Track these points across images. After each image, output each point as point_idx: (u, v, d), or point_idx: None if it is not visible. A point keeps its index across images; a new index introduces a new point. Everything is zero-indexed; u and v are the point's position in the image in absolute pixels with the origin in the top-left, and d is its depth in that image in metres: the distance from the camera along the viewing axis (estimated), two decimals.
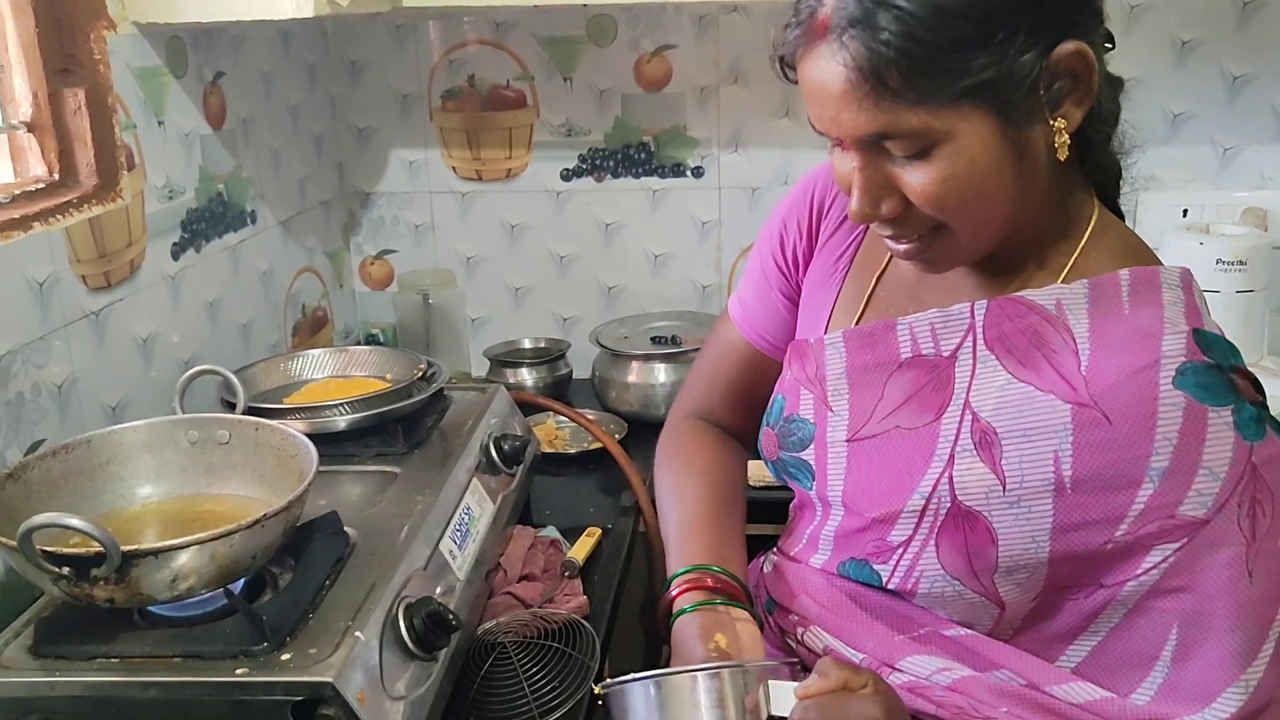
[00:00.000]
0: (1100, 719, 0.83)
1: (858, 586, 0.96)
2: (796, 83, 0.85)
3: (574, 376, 1.91)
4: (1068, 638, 0.87)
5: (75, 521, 0.81)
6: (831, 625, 0.97)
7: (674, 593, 0.97)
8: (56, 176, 1.22)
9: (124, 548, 0.83)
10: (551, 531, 1.35)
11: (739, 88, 1.88)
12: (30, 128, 1.20)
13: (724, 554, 1.00)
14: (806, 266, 1.05)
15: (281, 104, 1.73)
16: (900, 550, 0.90)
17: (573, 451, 1.66)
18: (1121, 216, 0.96)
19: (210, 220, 1.49)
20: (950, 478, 0.86)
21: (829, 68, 0.77)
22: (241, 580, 0.97)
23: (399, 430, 1.28)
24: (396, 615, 0.95)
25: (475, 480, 1.25)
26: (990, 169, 0.78)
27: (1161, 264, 0.88)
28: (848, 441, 0.93)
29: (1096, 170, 0.91)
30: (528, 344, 1.97)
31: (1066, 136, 0.79)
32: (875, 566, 0.93)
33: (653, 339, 1.79)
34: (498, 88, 1.92)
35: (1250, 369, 1.64)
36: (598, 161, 1.95)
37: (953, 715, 0.87)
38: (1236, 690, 0.78)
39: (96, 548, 0.82)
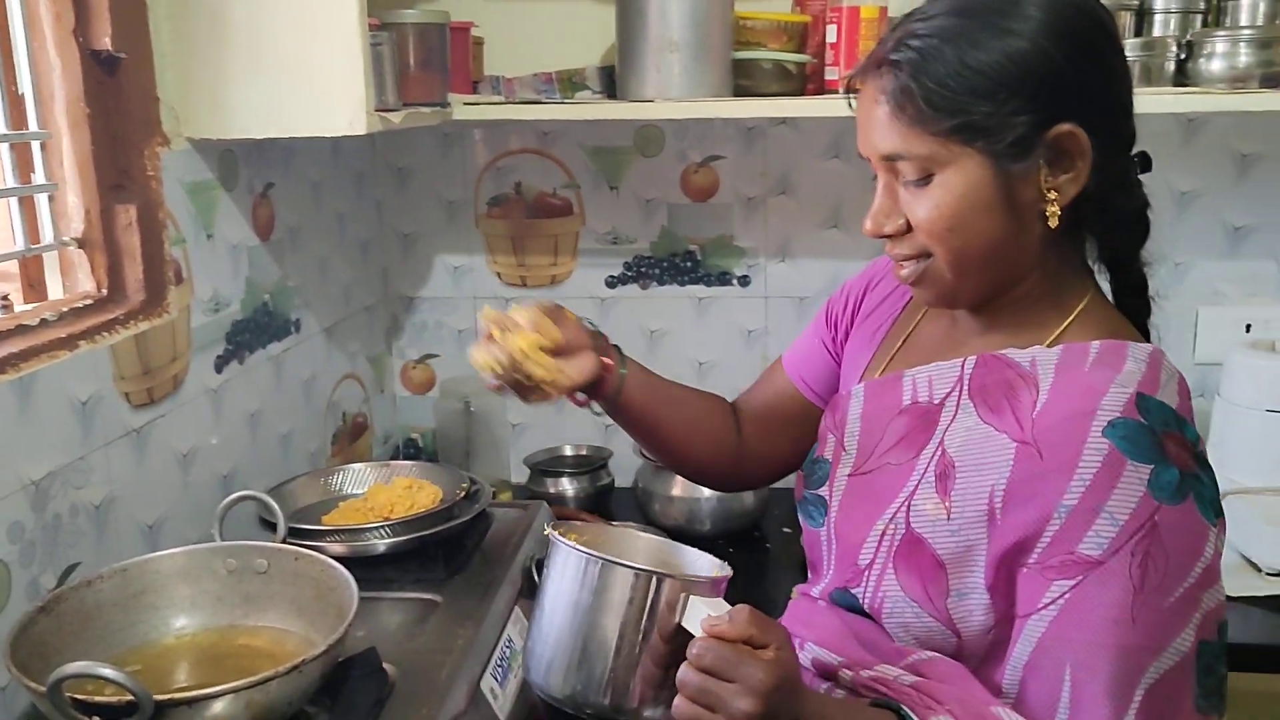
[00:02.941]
0: None
1: (847, 612, 1.02)
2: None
3: (616, 485, 1.86)
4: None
5: (108, 672, 0.77)
6: (824, 642, 1.02)
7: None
8: (105, 292, 1.21)
9: (157, 697, 0.79)
10: None
11: (786, 198, 1.87)
12: (81, 244, 1.20)
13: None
14: (848, 331, 1.17)
15: (329, 212, 1.74)
16: (866, 572, 0.98)
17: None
18: (1146, 334, 1.01)
19: (255, 331, 1.48)
20: (909, 507, 0.95)
21: (871, 94, 0.92)
22: None
23: (440, 555, 1.24)
24: None
25: (517, 609, 1.20)
26: (979, 206, 0.89)
27: (1134, 342, 0.94)
28: (849, 477, 1.04)
29: (1118, 272, 0.99)
30: (569, 451, 1.93)
31: (1057, 208, 0.89)
32: (853, 590, 1.00)
33: None
34: (543, 195, 1.92)
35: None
36: (643, 269, 1.93)
37: (902, 699, 0.90)
38: None
39: (128, 697, 0.78)
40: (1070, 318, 0.95)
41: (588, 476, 1.83)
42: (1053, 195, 0.89)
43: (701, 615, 0.85)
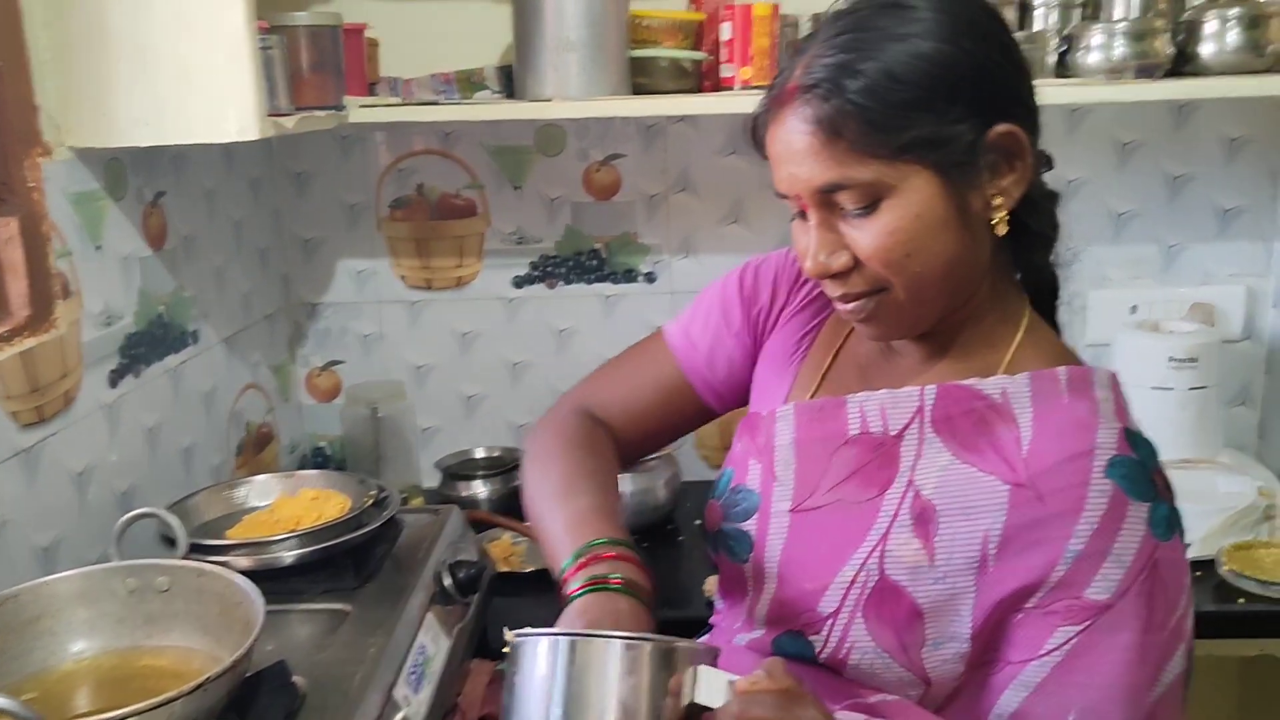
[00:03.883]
0: None
1: (790, 662, 0.91)
2: (766, 157, 0.92)
3: None
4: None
5: (2, 701, 0.74)
6: None
7: (566, 577, 0.88)
8: None
9: None
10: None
11: (688, 195, 1.88)
12: None
13: (621, 535, 0.91)
14: (769, 328, 1.06)
15: (225, 220, 1.70)
16: (830, 620, 0.90)
17: (529, 570, 1.60)
18: (1059, 330, 1.00)
19: (150, 344, 1.44)
20: (883, 551, 0.88)
21: (794, 126, 0.85)
22: None
23: (350, 564, 1.22)
24: None
25: (430, 615, 1.19)
26: (935, 225, 0.84)
27: (1090, 366, 0.92)
28: (791, 512, 0.95)
29: (1031, 274, 0.96)
30: (481, 453, 1.92)
31: (1004, 212, 0.86)
32: (809, 638, 0.92)
33: None
34: (447, 196, 1.91)
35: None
36: (549, 269, 1.93)
37: None
38: None
39: None
40: (1019, 334, 0.92)
41: (500, 478, 1.83)
42: (998, 201, 0.85)
43: (719, 685, 0.75)
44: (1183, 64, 1.59)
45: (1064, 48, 1.61)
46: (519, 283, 1.93)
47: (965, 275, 0.88)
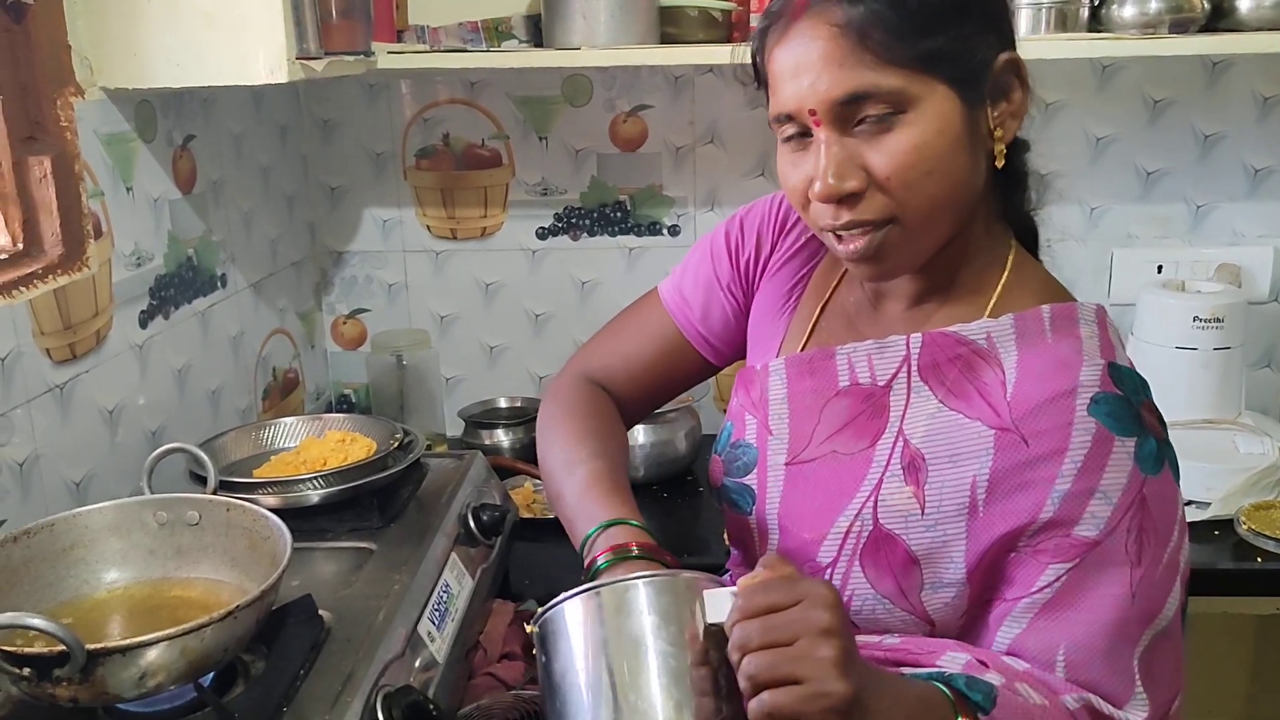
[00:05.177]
0: (1042, 684, 0.83)
1: None
2: (762, 85, 0.91)
3: None
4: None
5: (37, 621, 0.77)
6: None
7: (596, 553, 0.91)
8: (20, 246, 1.18)
9: (89, 646, 0.79)
10: (532, 605, 1.32)
11: (714, 148, 1.88)
12: None
13: (635, 514, 0.95)
14: (756, 279, 1.06)
15: (253, 165, 1.71)
16: (829, 570, 0.91)
17: (551, 516, 1.62)
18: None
19: (179, 286, 1.46)
20: (876, 501, 0.89)
21: (812, 34, 0.82)
22: (211, 673, 0.93)
23: (375, 504, 1.24)
24: (375, 706, 0.91)
25: (454, 555, 1.21)
26: (954, 143, 0.83)
27: (1076, 300, 0.92)
28: (786, 465, 0.96)
29: (1014, 216, 0.95)
30: (504, 403, 1.94)
31: (1003, 145, 0.86)
32: None
33: None
34: (472, 146, 1.91)
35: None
36: (573, 220, 1.93)
37: (900, 658, 0.87)
38: (1138, 702, 0.82)
39: (59, 647, 0.78)
40: (1004, 275, 0.91)
41: (522, 427, 1.84)
42: (999, 133, 0.85)
43: (722, 601, 0.75)
44: (1217, 19, 1.57)
45: (1097, 2, 1.58)
46: (543, 234, 1.94)
47: (966, 205, 0.87)
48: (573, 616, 0.80)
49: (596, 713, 0.76)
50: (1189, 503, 1.53)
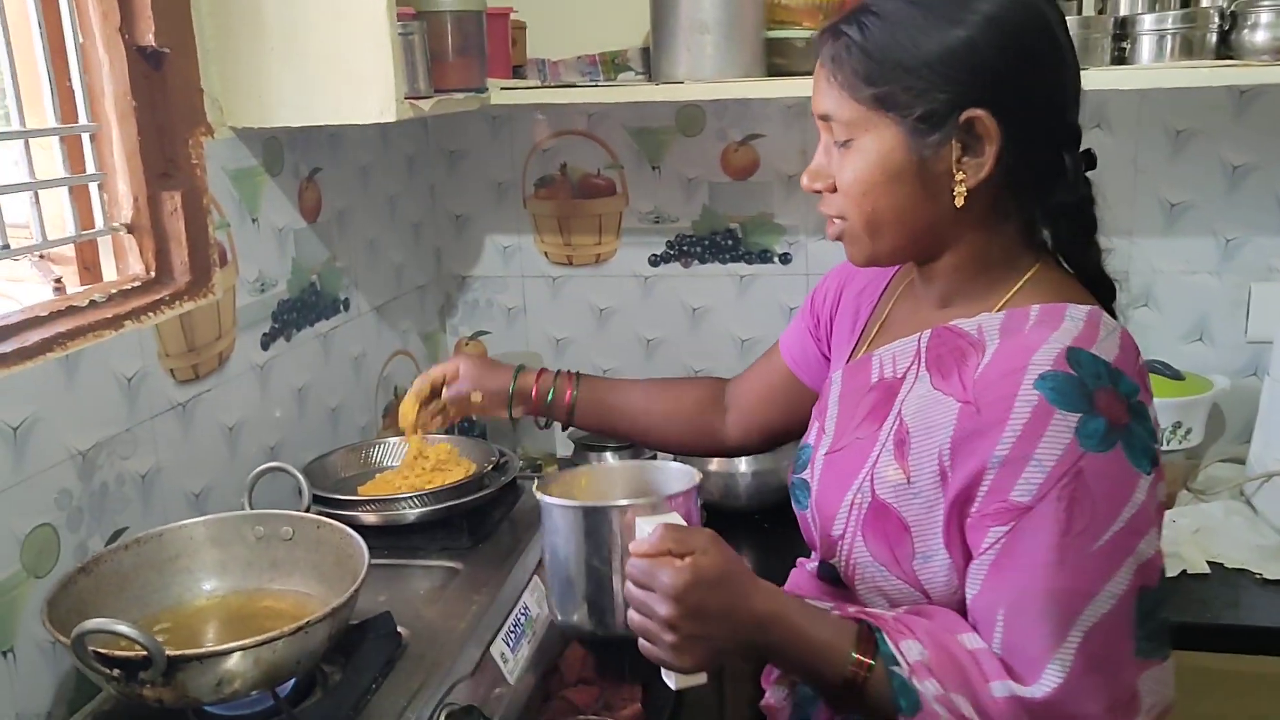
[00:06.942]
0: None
1: (830, 585, 1.07)
2: None
3: (658, 459, 1.90)
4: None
5: (122, 628, 0.84)
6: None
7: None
8: (152, 274, 1.29)
9: (169, 652, 0.85)
10: None
11: None
12: (130, 229, 1.28)
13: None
14: (829, 322, 1.23)
15: (379, 194, 1.80)
16: (839, 542, 1.01)
17: None
18: (1114, 317, 1.01)
19: (302, 309, 1.55)
20: (872, 475, 0.98)
21: (818, 64, 0.99)
22: (292, 680, 0.98)
23: (465, 525, 1.29)
24: None
25: (536, 578, 1.25)
26: (891, 174, 0.94)
27: (1097, 305, 0.97)
28: (825, 455, 1.07)
29: (1075, 259, 1.01)
30: None
31: (963, 188, 0.93)
32: (831, 562, 1.03)
33: None
34: (588, 176, 1.96)
35: None
36: (685, 248, 1.96)
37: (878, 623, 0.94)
38: (1055, 667, 0.85)
39: (143, 651, 0.85)
40: (1018, 285, 0.98)
41: (629, 450, 1.87)
42: (960, 176, 0.93)
43: (644, 530, 0.93)
44: None
45: (1227, 26, 1.51)
46: (655, 261, 1.97)
47: (926, 228, 0.97)
48: (545, 514, 1.05)
49: (554, 575, 1.04)
50: None
